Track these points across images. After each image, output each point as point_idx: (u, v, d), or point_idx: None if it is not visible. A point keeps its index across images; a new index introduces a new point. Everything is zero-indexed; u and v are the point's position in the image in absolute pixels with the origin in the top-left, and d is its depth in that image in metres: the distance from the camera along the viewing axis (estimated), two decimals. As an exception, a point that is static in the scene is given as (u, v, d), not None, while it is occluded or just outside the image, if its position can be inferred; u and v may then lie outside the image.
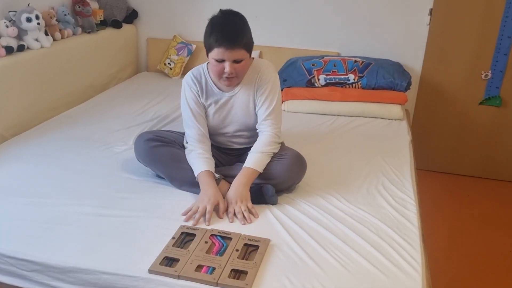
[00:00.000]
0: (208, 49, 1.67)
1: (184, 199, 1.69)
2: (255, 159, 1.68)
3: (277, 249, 1.42)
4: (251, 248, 1.43)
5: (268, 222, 1.56)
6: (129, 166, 1.93)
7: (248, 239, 1.45)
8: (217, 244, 1.43)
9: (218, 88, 1.80)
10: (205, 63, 1.82)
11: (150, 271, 1.29)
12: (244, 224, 1.51)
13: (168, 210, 1.62)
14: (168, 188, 1.77)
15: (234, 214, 1.56)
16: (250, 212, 1.57)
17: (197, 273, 1.29)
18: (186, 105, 1.79)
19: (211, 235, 1.47)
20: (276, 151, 1.74)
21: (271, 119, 1.76)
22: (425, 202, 1.80)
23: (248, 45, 1.67)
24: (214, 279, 1.26)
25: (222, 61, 1.65)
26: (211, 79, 1.80)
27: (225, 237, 1.47)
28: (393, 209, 1.67)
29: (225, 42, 1.61)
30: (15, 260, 1.36)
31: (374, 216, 1.62)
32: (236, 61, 1.66)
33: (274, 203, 1.68)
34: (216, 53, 1.64)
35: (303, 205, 1.68)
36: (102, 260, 1.34)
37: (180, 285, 1.26)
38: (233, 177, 1.75)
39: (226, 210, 1.58)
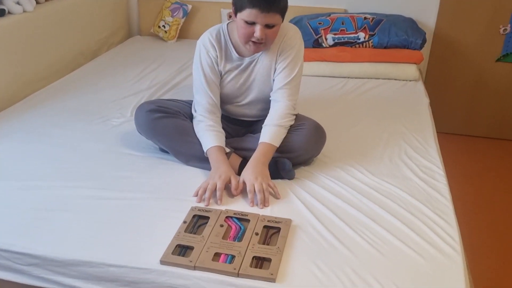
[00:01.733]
0: (239, 8, 1.46)
1: (193, 176, 1.54)
2: (272, 133, 1.52)
3: (300, 230, 1.29)
4: (272, 231, 1.29)
5: (287, 200, 1.42)
6: (129, 141, 1.76)
7: (268, 220, 1.31)
8: (233, 227, 1.29)
9: (237, 53, 1.61)
10: (225, 23, 1.63)
11: (162, 262, 1.16)
12: (263, 207, 1.36)
13: (176, 189, 1.47)
14: (174, 164, 1.61)
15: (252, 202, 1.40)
16: (272, 191, 1.43)
17: (215, 263, 1.15)
18: (200, 70, 1.60)
19: (227, 217, 1.33)
20: (291, 123, 1.57)
21: (288, 89, 1.58)
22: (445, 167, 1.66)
23: (284, 10, 1.49)
24: (235, 269, 1.13)
25: (253, 23, 1.46)
26: (231, 42, 1.61)
27: (242, 219, 1.33)
28: (420, 181, 1.53)
29: (262, 3, 1.41)
30: (10, 254, 1.22)
31: (401, 189, 1.48)
32: (268, 26, 1.47)
33: (291, 178, 1.53)
34: (247, 14, 1.44)
35: (323, 179, 1.53)
36: (107, 251, 1.20)
37: (197, 277, 1.13)
38: (244, 150, 1.60)
39: (240, 189, 1.43)
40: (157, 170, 1.58)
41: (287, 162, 1.52)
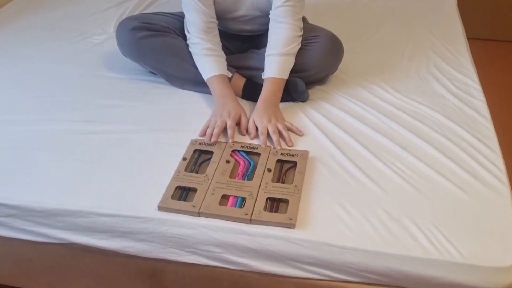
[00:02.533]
0: None
1: (191, 102, 1.33)
2: (278, 65, 1.27)
3: (319, 164, 1.10)
4: (287, 166, 1.11)
5: (302, 127, 1.22)
6: (114, 61, 1.52)
7: (281, 154, 1.12)
8: (242, 163, 1.11)
9: None
10: None
11: (161, 208, 0.99)
12: (279, 148, 1.15)
13: (172, 119, 1.26)
14: (167, 88, 1.39)
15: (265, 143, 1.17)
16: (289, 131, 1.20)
17: (223, 208, 0.98)
18: None
19: (233, 150, 1.14)
20: (299, 46, 1.31)
21: (292, 6, 1.29)
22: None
23: None
24: (247, 214, 0.96)
25: None
26: None
27: (251, 153, 1.14)
28: (455, 98, 1.32)
29: None
30: (-17, 204, 1.05)
31: (433, 109, 1.27)
32: None
33: (304, 99, 1.32)
34: None
35: (342, 100, 1.32)
36: (96, 198, 1.02)
37: (202, 225, 0.97)
38: (248, 68, 1.37)
39: (253, 134, 1.19)
40: (149, 97, 1.36)
41: (299, 83, 1.30)
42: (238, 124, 1.22)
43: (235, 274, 0.99)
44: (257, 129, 1.20)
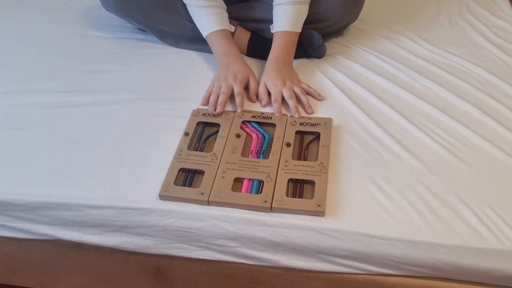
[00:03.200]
0: None
1: (189, 64, 1.14)
2: (290, 16, 1.07)
3: (346, 134, 0.94)
4: (308, 138, 0.94)
5: (321, 89, 1.04)
6: (97, 18, 1.32)
7: (301, 123, 0.95)
8: (254, 136, 0.94)
9: None
10: None
11: (162, 196, 0.83)
12: (298, 116, 0.97)
13: (168, 85, 1.08)
14: (160, 47, 1.20)
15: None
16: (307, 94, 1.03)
17: (237, 194, 0.82)
18: None
19: (243, 122, 0.96)
20: None
21: None
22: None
23: None
24: (266, 201, 0.80)
25: None
26: None
27: (264, 124, 0.97)
28: (496, 48, 1.14)
29: None
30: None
31: (472, 62, 1.10)
32: None
33: (321, 55, 1.14)
34: None
35: (364, 54, 1.14)
36: (85, 186, 0.85)
37: (213, 216, 0.81)
38: (253, 21, 1.18)
39: (266, 101, 1.01)
40: (139, 59, 1.17)
41: (315, 36, 1.11)
42: (246, 88, 1.04)
43: (255, 269, 0.85)
44: (269, 94, 1.02)
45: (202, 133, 0.95)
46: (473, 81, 1.04)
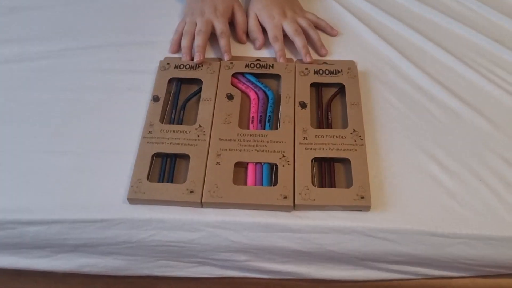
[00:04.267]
0: None
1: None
2: None
3: (377, 82, 0.68)
4: (329, 92, 0.68)
5: (332, 19, 0.77)
6: None
7: (315, 71, 0.68)
8: (253, 96, 0.67)
9: None
10: None
11: (132, 200, 0.56)
12: (311, 60, 0.69)
13: (121, 24, 0.77)
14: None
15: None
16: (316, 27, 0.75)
17: (242, 189, 0.56)
18: None
19: (234, 75, 0.69)
20: None
21: None
22: None
23: None
24: (286, 197, 0.55)
25: None
26: None
27: (264, 75, 0.69)
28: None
29: None
30: None
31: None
32: None
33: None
34: None
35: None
36: (15, 194, 0.57)
37: (212, 224, 0.55)
38: None
39: (261, 40, 0.73)
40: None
41: None
42: (231, 24, 0.75)
43: (273, 283, 0.62)
44: (264, 30, 0.74)
45: (178, 96, 0.67)
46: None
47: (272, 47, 0.71)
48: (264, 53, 0.72)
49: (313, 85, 0.67)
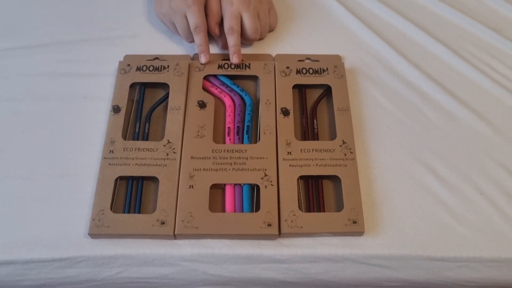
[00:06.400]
0: None
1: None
2: None
3: (366, 81, 0.61)
4: (313, 94, 0.60)
5: (313, 6, 0.69)
6: None
7: (298, 70, 0.60)
8: (228, 102, 0.59)
9: None
10: None
11: (95, 235, 0.49)
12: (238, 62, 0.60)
13: (72, 16, 0.66)
14: None
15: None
16: None
17: (219, 217, 0.49)
18: None
19: (206, 78, 0.60)
20: None
21: None
22: None
23: None
24: (270, 224, 0.49)
25: None
26: None
27: (240, 77, 0.61)
28: None
29: None
30: None
31: None
32: None
33: None
34: None
35: None
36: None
37: (187, 258, 0.49)
38: None
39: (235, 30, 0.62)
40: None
41: None
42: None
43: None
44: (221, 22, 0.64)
45: (142, 104, 0.58)
46: (529, -22, 0.72)
47: (227, 40, 0.61)
48: (243, 49, 0.64)
49: (296, 86, 0.59)
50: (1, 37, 0.64)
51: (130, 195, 0.51)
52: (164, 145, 0.54)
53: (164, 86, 0.59)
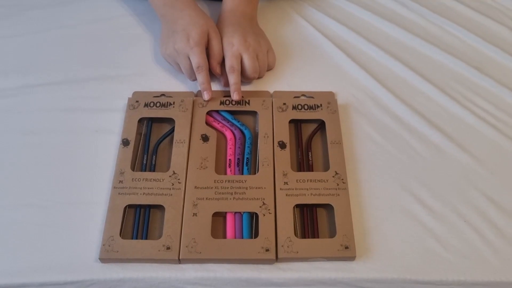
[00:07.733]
0: None
1: (119, 16, 0.77)
2: None
3: (357, 115, 0.65)
4: (308, 129, 0.65)
5: (305, 43, 0.74)
6: None
7: (294, 106, 0.65)
8: (229, 136, 0.63)
9: None
10: None
11: (105, 260, 0.53)
12: (238, 98, 0.65)
13: (84, 56, 0.72)
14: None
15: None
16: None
17: (221, 243, 0.53)
18: None
19: (209, 113, 0.65)
20: None
21: None
22: None
23: None
24: (268, 250, 0.53)
25: None
26: None
27: (240, 112, 0.66)
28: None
29: None
30: None
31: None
32: None
33: (299, -7, 0.81)
34: None
35: (358, -13, 0.83)
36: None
37: (191, 281, 0.52)
38: None
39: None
40: (30, 14, 0.77)
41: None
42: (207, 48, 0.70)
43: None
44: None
45: (149, 137, 0.63)
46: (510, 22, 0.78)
47: (228, 79, 0.66)
48: (243, 86, 0.69)
49: (292, 121, 0.64)
50: (19, 74, 0.69)
51: (138, 222, 0.55)
52: (170, 176, 0.58)
53: (170, 120, 0.63)
